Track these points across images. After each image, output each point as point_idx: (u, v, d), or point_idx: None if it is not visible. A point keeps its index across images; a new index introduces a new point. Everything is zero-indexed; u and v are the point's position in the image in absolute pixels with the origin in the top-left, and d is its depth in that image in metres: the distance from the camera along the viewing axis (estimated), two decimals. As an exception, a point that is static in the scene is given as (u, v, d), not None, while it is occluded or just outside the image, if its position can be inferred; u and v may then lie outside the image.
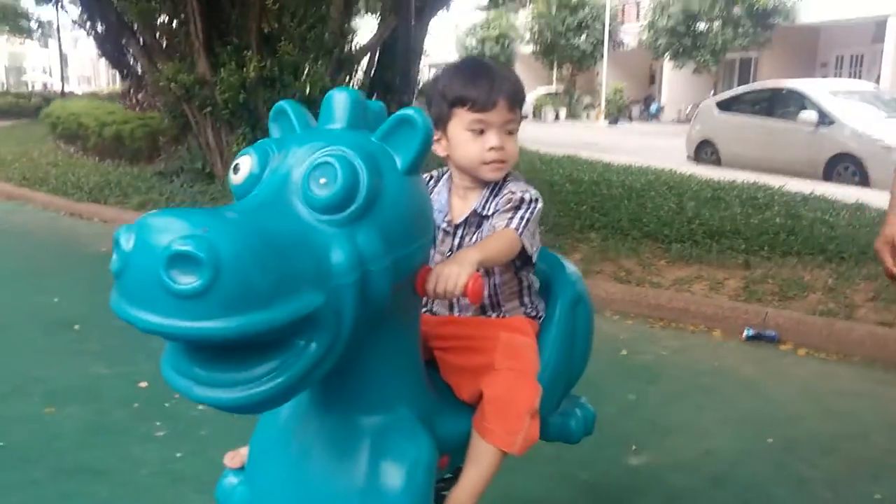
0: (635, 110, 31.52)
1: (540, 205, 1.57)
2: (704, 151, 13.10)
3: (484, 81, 1.55)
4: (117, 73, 16.17)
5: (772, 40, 26.19)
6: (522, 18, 35.80)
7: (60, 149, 12.72)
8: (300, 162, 1.15)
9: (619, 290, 4.77)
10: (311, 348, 1.05)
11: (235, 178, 1.21)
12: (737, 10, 25.64)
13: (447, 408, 1.50)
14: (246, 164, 1.21)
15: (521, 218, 1.52)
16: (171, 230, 0.93)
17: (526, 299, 1.70)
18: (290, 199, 1.12)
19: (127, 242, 0.96)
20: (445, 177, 1.68)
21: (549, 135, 18.52)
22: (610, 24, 31.90)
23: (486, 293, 1.61)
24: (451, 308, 1.64)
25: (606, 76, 31.81)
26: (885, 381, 3.63)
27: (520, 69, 37.94)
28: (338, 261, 1.07)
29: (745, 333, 4.21)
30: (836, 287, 4.66)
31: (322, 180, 1.10)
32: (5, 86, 45.24)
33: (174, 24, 10.01)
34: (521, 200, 1.54)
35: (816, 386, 3.57)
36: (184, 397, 1.07)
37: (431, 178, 1.69)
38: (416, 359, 1.42)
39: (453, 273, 1.25)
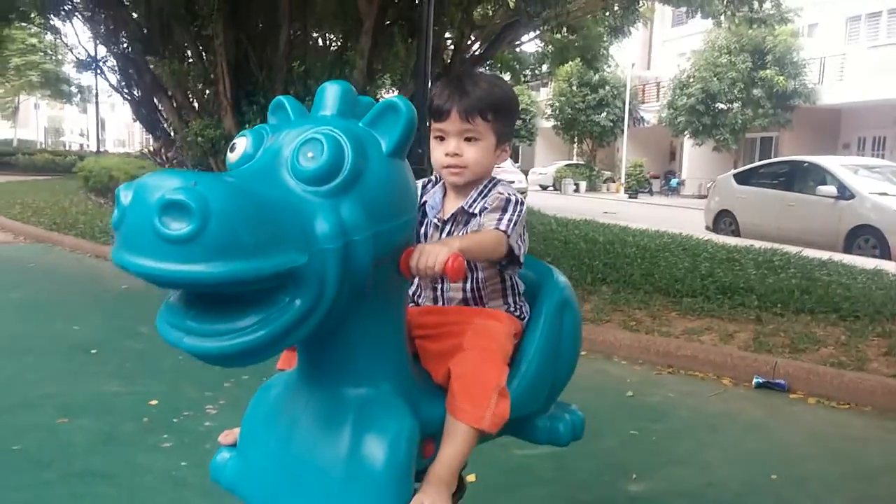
0: (656, 184, 31.78)
1: (525, 207, 1.65)
2: (723, 222, 13.18)
3: (446, 93, 1.65)
4: (150, 137, 16.77)
5: (792, 121, 26.51)
6: (544, 95, 36.70)
7: (91, 200, 13.11)
8: (291, 141, 1.24)
9: (628, 337, 4.80)
10: (295, 305, 1.13)
11: (231, 157, 1.32)
12: (756, 92, 26.07)
13: (428, 393, 1.54)
14: (241, 143, 1.31)
15: (509, 220, 1.58)
16: (165, 184, 1.03)
17: (510, 299, 1.74)
18: (280, 171, 1.21)
19: (125, 197, 1.06)
20: (442, 181, 1.77)
21: (568, 205, 18.73)
22: (630, 103, 32.55)
23: (468, 287, 1.68)
24: (435, 301, 1.71)
25: (626, 151, 32.30)
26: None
27: (541, 143, 38.96)
28: (322, 228, 1.15)
29: (754, 381, 4.20)
30: (849, 342, 4.64)
31: (310, 154, 1.20)
32: (43, 146, 46.81)
33: (204, 85, 10.48)
34: (508, 201, 1.61)
35: (825, 431, 3.55)
36: (175, 348, 1.15)
37: (430, 181, 1.79)
38: (400, 341, 1.48)
39: (434, 250, 1.33)
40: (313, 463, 1.35)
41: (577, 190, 31.53)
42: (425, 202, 1.72)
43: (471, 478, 2.65)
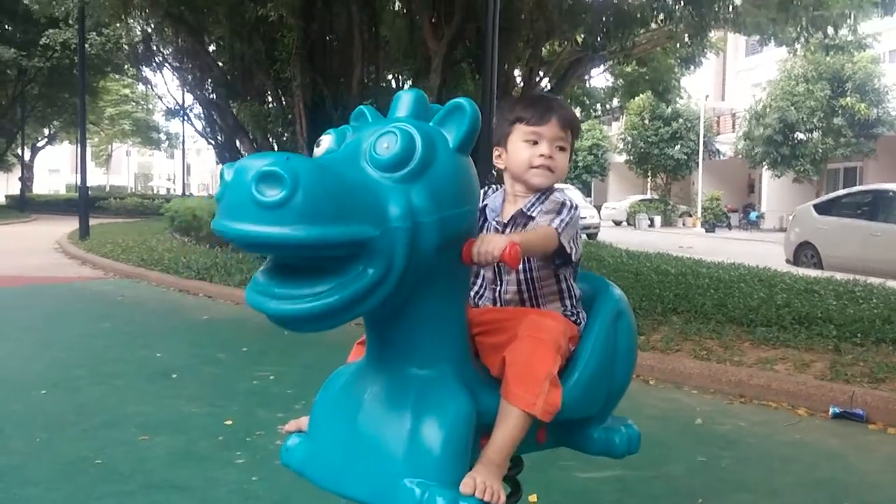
0: (734, 218, 30.93)
1: (578, 211, 1.76)
2: (804, 254, 12.72)
3: (540, 104, 1.82)
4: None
5: (877, 150, 25.48)
6: (615, 129, 36.45)
7: (176, 238, 13.74)
8: (369, 135, 1.41)
9: (698, 366, 4.70)
10: (368, 273, 1.28)
11: (317, 151, 1.50)
12: (837, 121, 25.22)
13: (486, 384, 1.62)
14: (326, 140, 1.50)
15: (562, 220, 1.69)
16: (262, 159, 1.20)
17: (567, 302, 1.82)
18: (359, 159, 1.38)
19: (228, 174, 1.24)
20: (502, 188, 1.90)
21: (643, 240, 18.47)
22: (705, 135, 31.97)
23: (525, 287, 1.78)
24: (494, 303, 1.81)
25: (702, 184, 31.64)
26: (984, 462, 3.40)
27: (613, 177, 38.64)
28: (393, 209, 1.30)
29: (830, 411, 4.05)
30: (935, 373, 4.43)
31: (385, 144, 1.36)
32: (133, 190, 49.47)
33: (282, 125, 10.95)
34: (563, 205, 1.74)
35: (906, 462, 3.39)
36: (259, 311, 1.29)
37: (491, 188, 1.91)
38: (462, 329, 1.58)
39: (493, 239, 1.45)
40: (375, 442, 1.45)
41: (651, 225, 31.02)
42: (486, 206, 1.84)
43: (532, 497, 2.67)
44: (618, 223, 32.25)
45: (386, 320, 1.45)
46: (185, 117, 18.02)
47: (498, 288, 1.80)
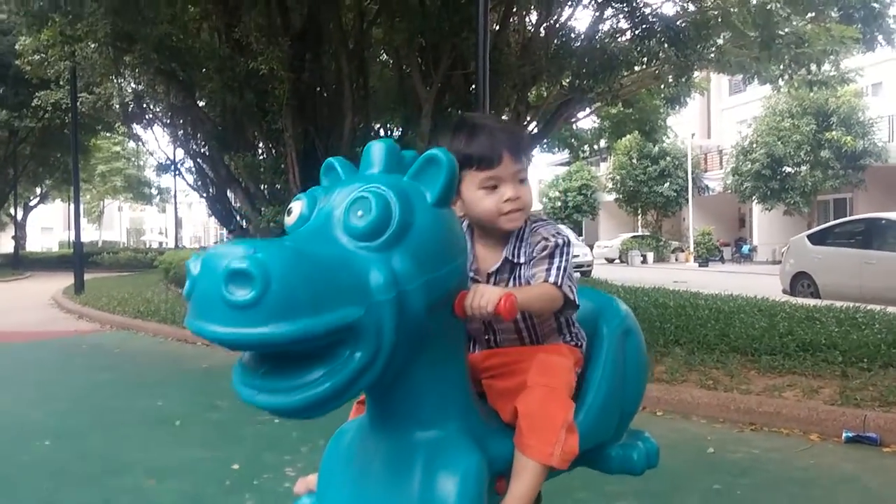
0: (727, 252, 31.09)
1: (572, 248, 1.62)
2: (801, 284, 12.75)
3: (483, 138, 1.58)
4: (224, 232, 17.63)
5: (865, 181, 25.77)
6: (603, 169, 36.84)
7: (171, 290, 13.68)
8: (341, 201, 1.32)
9: (706, 395, 4.67)
10: (356, 357, 1.20)
11: (288, 220, 1.40)
12: (824, 154, 25.55)
13: (496, 431, 1.58)
14: (297, 207, 1.40)
15: (558, 268, 1.56)
16: (228, 254, 1.12)
17: (565, 330, 1.75)
18: (333, 230, 1.29)
19: (195, 267, 1.17)
20: (465, 224, 1.66)
21: (636, 276, 18.48)
22: (693, 172, 32.32)
23: (523, 327, 1.69)
24: (489, 344, 1.72)
25: (693, 220, 31.88)
26: None
27: (603, 216, 38.86)
28: (375, 280, 1.21)
29: (843, 436, 4.01)
30: (945, 395, 4.41)
31: (359, 212, 1.27)
32: (126, 245, 49.46)
33: (275, 175, 11.03)
34: (555, 247, 1.58)
35: (925, 483, 3.35)
36: (249, 404, 1.24)
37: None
38: (464, 381, 1.52)
39: (487, 290, 1.37)
40: None
41: (644, 261, 31.12)
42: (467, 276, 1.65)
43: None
44: (610, 260, 32.32)
45: (382, 389, 1.39)
46: (177, 172, 18.12)
47: (490, 338, 1.71)
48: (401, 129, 12.67)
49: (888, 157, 25.40)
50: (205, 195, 16.18)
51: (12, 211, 33.27)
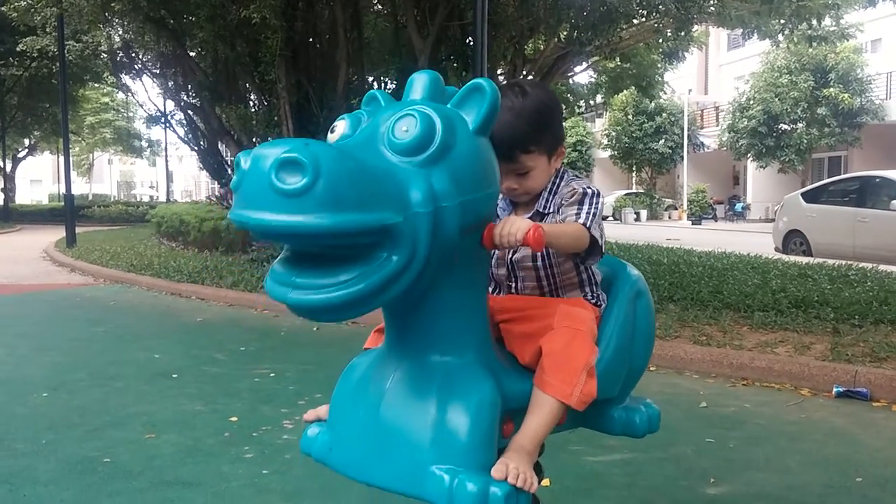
0: (720, 210, 31.14)
1: (603, 198, 1.67)
2: (793, 242, 12.80)
3: None
4: (216, 185, 17.48)
5: (861, 139, 25.71)
6: (599, 125, 36.60)
7: (163, 244, 13.64)
8: (386, 119, 1.36)
9: (699, 351, 4.72)
10: (392, 260, 1.24)
11: (331, 137, 1.44)
12: (821, 111, 25.42)
13: (511, 370, 1.60)
14: (341, 126, 1.45)
15: (588, 213, 1.61)
16: (281, 147, 1.17)
17: (587, 289, 1.78)
18: (377, 144, 1.33)
19: (245, 162, 1.20)
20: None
21: (630, 233, 18.52)
22: (689, 128, 32.16)
23: (545, 283, 1.73)
24: (510, 290, 1.77)
25: (687, 177, 31.82)
26: None
27: (598, 173, 38.79)
28: (415, 194, 1.26)
29: (834, 391, 4.07)
30: (935, 351, 4.47)
31: (404, 128, 1.32)
32: (116, 198, 49.05)
33: (268, 127, 10.89)
34: (584, 195, 1.64)
35: (912, 437, 3.41)
36: (280, 301, 1.25)
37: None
38: (483, 316, 1.55)
39: (517, 220, 1.40)
40: (400, 429, 1.42)
41: (637, 219, 31.18)
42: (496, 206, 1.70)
43: (545, 482, 2.66)
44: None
45: (407, 308, 1.42)
46: (167, 124, 17.89)
47: (514, 284, 1.75)
48: (395, 82, 12.51)
49: (885, 114, 25.30)
50: (196, 148, 16.01)
51: (1, 163, 32.90)
